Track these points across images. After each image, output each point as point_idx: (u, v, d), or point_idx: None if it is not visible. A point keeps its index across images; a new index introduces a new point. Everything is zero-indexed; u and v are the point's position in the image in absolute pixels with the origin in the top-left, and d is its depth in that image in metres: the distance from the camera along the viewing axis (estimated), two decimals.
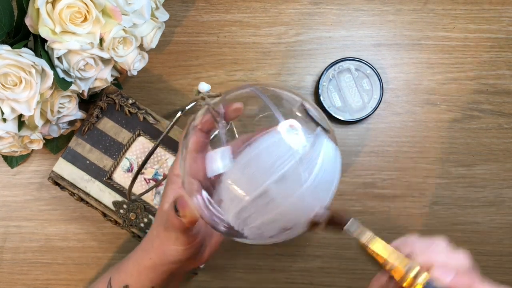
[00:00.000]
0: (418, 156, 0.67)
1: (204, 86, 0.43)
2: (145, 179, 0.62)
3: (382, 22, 0.67)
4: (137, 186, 0.62)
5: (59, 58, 0.52)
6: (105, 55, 0.54)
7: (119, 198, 0.62)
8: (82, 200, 0.63)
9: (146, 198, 0.62)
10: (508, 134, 0.67)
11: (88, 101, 0.64)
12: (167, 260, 0.46)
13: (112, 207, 0.62)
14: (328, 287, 0.66)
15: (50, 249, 0.67)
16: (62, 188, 0.63)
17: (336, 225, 0.39)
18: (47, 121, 0.57)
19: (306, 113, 0.41)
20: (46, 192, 0.67)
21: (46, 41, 0.52)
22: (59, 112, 0.57)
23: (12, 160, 0.66)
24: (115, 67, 0.59)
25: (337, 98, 0.66)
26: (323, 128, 0.41)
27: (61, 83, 0.53)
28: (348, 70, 0.66)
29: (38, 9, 0.49)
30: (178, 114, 0.44)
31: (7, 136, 0.54)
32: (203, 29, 0.68)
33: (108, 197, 0.62)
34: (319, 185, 0.38)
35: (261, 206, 0.38)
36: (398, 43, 0.67)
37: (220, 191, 0.39)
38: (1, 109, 0.51)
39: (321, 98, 0.65)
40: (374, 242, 0.38)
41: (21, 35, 0.53)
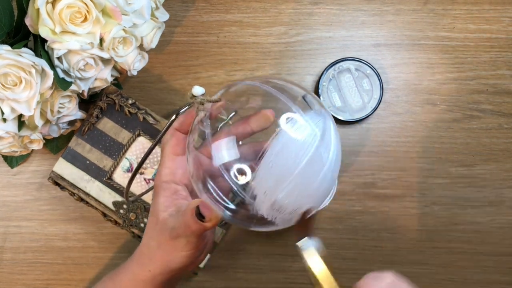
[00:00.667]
0: (418, 156, 0.67)
1: (198, 90, 0.43)
2: (145, 179, 0.62)
3: (382, 22, 0.67)
4: (138, 186, 0.62)
5: (59, 58, 0.52)
6: (105, 55, 0.54)
7: (119, 198, 0.62)
8: (82, 200, 0.63)
9: (146, 198, 0.62)
10: (508, 134, 0.67)
11: (88, 101, 0.64)
12: (170, 269, 0.45)
13: (112, 207, 0.62)
14: None
15: (50, 249, 0.67)
16: (62, 188, 0.63)
17: (300, 233, 0.41)
18: (47, 121, 0.57)
19: (304, 99, 0.44)
20: (46, 192, 0.67)
21: (46, 41, 0.52)
22: (59, 112, 0.57)
23: (12, 160, 0.66)
24: (115, 67, 0.59)
25: (337, 98, 0.66)
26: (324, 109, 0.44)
27: (61, 83, 0.53)
28: (348, 70, 0.66)
29: (38, 9, 0.49)
30: (173, 117, 0.44)
31: (7, 136, 0.54)
32: (203, 29, 0.68)
33: (108, 197, 0.62)
34: (336, 162, 0.42)
35: (294, 193, 0.40)
36: (398, 43, 0.67)
37: (254, 186, 0.40)
38: (1, 109, 0.51)
39: (321, 98, 0.65)
40: (317, 267, 0.40)
41: (21, 35, 0.53)
